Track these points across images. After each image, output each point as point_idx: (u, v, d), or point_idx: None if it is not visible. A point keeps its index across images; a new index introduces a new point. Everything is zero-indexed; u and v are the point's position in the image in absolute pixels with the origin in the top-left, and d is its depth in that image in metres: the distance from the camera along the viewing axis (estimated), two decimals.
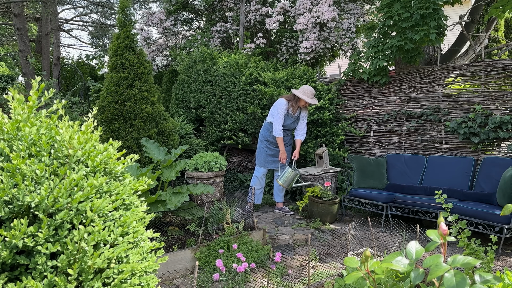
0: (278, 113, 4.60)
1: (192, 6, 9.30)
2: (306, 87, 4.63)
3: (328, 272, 2.87)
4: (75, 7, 15.56)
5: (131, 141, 4.28)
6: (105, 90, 4.36)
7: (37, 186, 1.23)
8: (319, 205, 4.43)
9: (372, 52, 5.26)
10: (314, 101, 4.64)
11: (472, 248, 1.94)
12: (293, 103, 4.64)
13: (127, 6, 4.42)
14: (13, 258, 1.14)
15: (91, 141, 1.42)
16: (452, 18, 5.22)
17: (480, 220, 3.42)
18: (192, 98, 6.94)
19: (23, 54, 9.62)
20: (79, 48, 30.90)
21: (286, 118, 4.65)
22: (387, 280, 1.43)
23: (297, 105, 4.66)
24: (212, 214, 3.63)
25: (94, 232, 1.23)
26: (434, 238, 1.17)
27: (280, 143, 4.64)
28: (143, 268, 1.41)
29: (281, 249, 3.61)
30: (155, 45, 9.23)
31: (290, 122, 4.72)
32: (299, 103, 4.66)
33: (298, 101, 4.66)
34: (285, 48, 7.72)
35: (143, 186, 1.54)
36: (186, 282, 2.88)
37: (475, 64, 4.69)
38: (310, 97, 4.61)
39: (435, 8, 4.50)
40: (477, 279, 1.11)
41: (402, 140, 5.26)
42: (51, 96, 3.50)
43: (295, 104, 4.65)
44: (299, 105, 4.67)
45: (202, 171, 4.69)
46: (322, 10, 6.66)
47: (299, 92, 4.60)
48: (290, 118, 4.70)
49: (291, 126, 4.78)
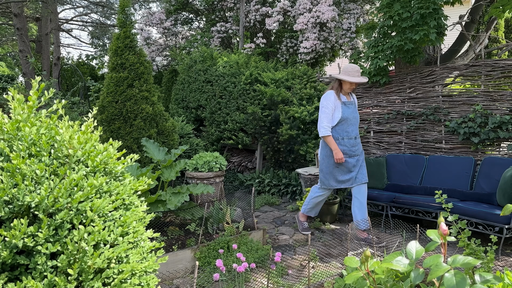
0: (322, 107, 3.71)
1: (192, 6, 9.30)
2: (347, 65, 3.75)
3: (328, 272, 2.87)
4: (75, 7, 15.55)
5: (131, 141, 4.28)
6: (105, 90, 4.36)
7: (37, 186, 1.23)
8: None
9: (372, 52, 5.26)
10: (362, 79, 3.69)
11: (472, 248, 1.94)
12: (337, 88, 3.76)
13: (127, 6, 4.42)
14: (13, 258, 1.14)
15: (91, 141, 1.42)
16: (452, 18, 5.21)
17: (480, 220, 3.42)
18: (192, 98, 6.94)
19: (23, 54, 9.62)
20: (79, 48, 30.94)
21: (343, 108, 3.71)
22: (387, 280, 1.43)
23: (343, 90, 3.77)
24: (212, 214, 3.63)
25: (94, 232, 1.23)
26: (434, 238, 1.17)
27: (330, 142, 3.69)
28: (143, 268, 1.41)
29: (281, 249, 3.61)
30: (155, 45, 9.23)
31: (350, 111, 3.75)
32: (343, 87, 3.76)
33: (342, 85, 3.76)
34: (285, 48, 7.72)
35: (143, 186, 1.54)
36: (186, 282, 2.88)
37: (475, 64, 4.69)
38: (354, 75, 3.69)
39: (435, 8, 4.50)
40: (477, 279, 1.11)
41: (402, 140, 5.26)
42: (51, 96, 3.50)
43: (340, 89, 3.77)
44: (345, 89, 3.77)
45: (202, 171, 4.69)
46: (322, 10, 6.66)
47: (342, 73, 3.73)
48: (347, 106, 3.74)
49: (353, 117, 3.78)
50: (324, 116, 3.68)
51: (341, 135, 3.74)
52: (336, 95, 3.72)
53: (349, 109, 3.74)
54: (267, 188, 5.81)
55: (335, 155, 3.67)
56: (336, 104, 3.69)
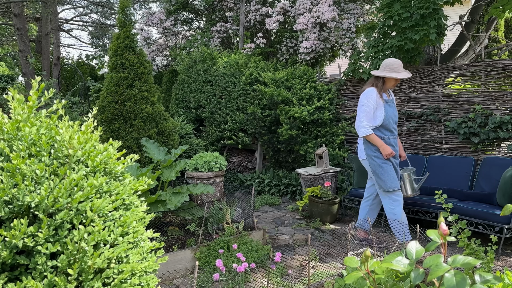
0: (363, 105, 3.42)
1: (192, 6, 9.30)
2: (389, 60, 3.46)
3: (328, 272, 2.87)
4: (75, 7, 15.56)
5: (131, 141, 4.28)
6: (105, 90, 4.36)
7: (37, 186, 1.23)
8: (319, 205, 4.43)
9: (372, 52, 5.26)
10: (407, 73, 3.46)
11: (472, 248, 1.94)
12: (381, 87, 3.49)
13: (127, 6, 4.42)
14: (13, 258, 1.14)
15: (91, 141, 1.42)
16: (452, 18, 5.21)
17: (480, 220, 3.41)
18: (192, 98, 6.94)
19: (23, 54, 9.62)
20: (79, 48, 30.93)
21: (385, 107, 3.46)
22: (387, 280, 1.43)
23: (385, 87, 3.53)
24: (212, 214, 3.63)
25: (94, 232, 1.23)
26: (434, 238, 1.17)
27: (374, 139, 3.41)
28: (143, 268, 1.41)
29: (281, 249, 3.61)
30: (155, 45, 9.23)
31: (392, 109, 3.53)
32: (386, 85, 3.52)
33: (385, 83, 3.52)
34: (285, 48, 7.72)
35: (143, 186, 1.54)
36: (186, 282, 2.88)
37: (475, 64, 4.69)
38: (400, 70, 3.44)
39: (435, 8, 4.50)
40: (477, 279, 1.11)
41: (402, 140, 5.26)
42: (51, 96, 3.50)
43: (383, 86, 3.51)
44: (389, 87, 3.54)
45: (202, 171, 4.69)
46: (322, 10, 6.66)
47: (384, 70, 3.45)
48: (388, 105, 3.51)
49: (395, 116, 3.55)
50: (364, 115, 3.41)
51: (386, 135, 3.49)
52: (379, 93, 3.45)
53: (391, 107, 3.53)
54: (267, 188, 5.81)
55: (383, 151, 3.38)
56: (378, 103, 3.43)
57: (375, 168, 3.45)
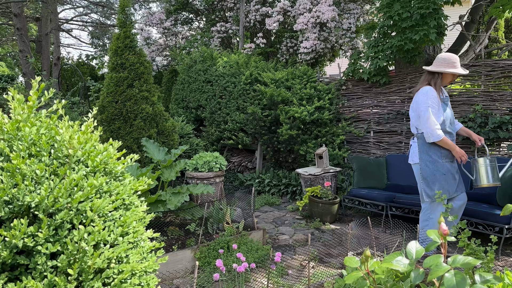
0: (428, 106, 3.07)
1: (192, 6, 9.30)
2: (445, 54, 3.17)
3: (328, 272, 2.87)
4: (75, 7, 15.56)
5: (131, 141, 4.28)
6: (105, 90, 4.36)
7: (37, 186, 1.23)
8: (319, 205, 4.43)
9: (372, 52, 5.26)
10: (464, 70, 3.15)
11: (472, 248, 1.94)
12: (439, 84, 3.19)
13: (127, 6, 4.42)
14: (13, 258, 1.14)
15: (91, 141, 1.42)
16: (452, 18, 5.21)
17: (480, 220, 3.42)
18: (192, 98, 6.94)
19: (23, 54, 9.62)
20: (79, 48, 30.95)
21: (443, 106, 3.20)
22: (387, 280, 1.43)
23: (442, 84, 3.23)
24: (212, 214, 3.63)
25: (94, 232, 1.23)
26: (434, 238, 1.17)
27: (446, 143, 3.10)
28: (143, 268, 1.41)
29: (281, 249, 3.61)
30: (155, 45, 9.23)
31: (449, 108, 3.26)
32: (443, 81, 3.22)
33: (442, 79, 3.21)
34: (285, 48, 7.73)
35: (143, 186, 1.54)
36: (186, 282, 2.88)
37: (475, 64, 4.69)
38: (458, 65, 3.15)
39: (435, 8, 4.50)
40: (477, 279, 1.11)
41: (402, 140, 5.26)
42: (51, 96, 3.50)
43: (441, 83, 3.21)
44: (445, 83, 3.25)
45: (202, 171, 4.69)
46: (322, 10, 6.66)
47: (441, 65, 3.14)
48: (445, 104, 3.23)
49: (452, 115, 3.29)
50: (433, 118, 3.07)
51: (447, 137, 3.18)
52: (437, 91, 3.14)
53: (448, 106, 3.24)
54: (267, 188, 5.81)
55: (457, 154, 3.11)
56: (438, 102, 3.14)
57: (426, 174, 3.19)
